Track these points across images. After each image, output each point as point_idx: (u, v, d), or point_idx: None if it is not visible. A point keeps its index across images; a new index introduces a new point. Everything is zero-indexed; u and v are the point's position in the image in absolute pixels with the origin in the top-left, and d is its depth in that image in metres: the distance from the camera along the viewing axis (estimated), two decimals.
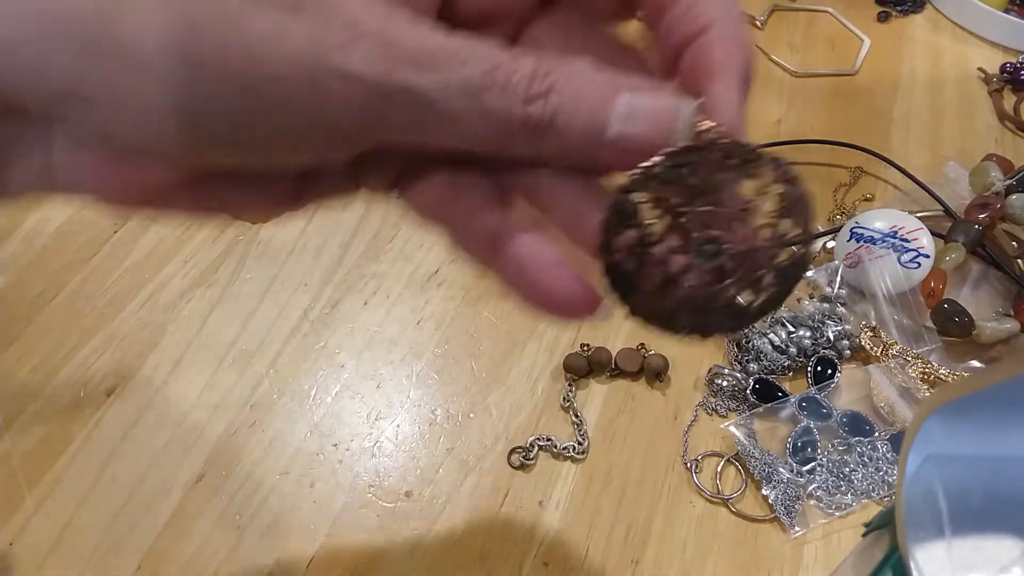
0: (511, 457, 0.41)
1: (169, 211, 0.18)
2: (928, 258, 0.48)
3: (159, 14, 0.15)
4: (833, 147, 0.58)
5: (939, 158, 0.59)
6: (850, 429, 0.42)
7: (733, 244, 0.17)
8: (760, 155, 0.17)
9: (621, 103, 0.16)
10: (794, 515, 0.39)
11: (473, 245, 0.19)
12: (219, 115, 0.15)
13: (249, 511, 0.38)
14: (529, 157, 0.17)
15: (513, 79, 0.16)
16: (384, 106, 0.16)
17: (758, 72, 0.18)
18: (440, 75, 0.16)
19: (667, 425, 0.43)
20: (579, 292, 0.18)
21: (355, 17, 0.15)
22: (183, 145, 0.16)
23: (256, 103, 0.15)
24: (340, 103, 0.15)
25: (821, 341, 0.45)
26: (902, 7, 0.73)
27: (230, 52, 0.15)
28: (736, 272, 0.17)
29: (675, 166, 0.16)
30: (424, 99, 0.16)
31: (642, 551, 0.38)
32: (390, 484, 0.39)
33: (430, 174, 0.19)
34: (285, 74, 0.15)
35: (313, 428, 0.41)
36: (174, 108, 0.15)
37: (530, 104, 0.16)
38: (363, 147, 0.18)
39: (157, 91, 0.15)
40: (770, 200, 0.17)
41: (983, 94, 0.66)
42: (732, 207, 0.17)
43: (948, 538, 0.22)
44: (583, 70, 0.17)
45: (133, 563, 0.36)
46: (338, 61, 0.15)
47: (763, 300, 0.18)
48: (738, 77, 0.17)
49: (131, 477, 0.38)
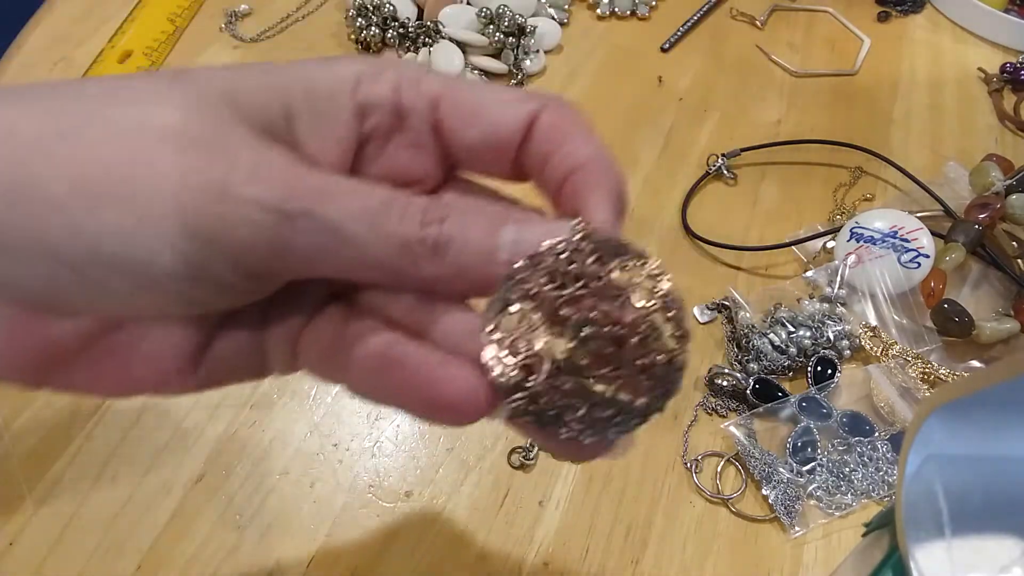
0: (511, 457, 0.41)
1: (66, 385, 0.19)
2: (928, 258, 0.48)
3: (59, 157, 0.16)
4: (833, 147, 0.58)
5: (939, 158, 0.59)
6: (850, 429, 0.42)
7: (610, 325, 0.18)
8: (633, 248, 0.18)
9: (508, 229, 0.18)
10: (794, 515, 0.39)
11: (367, 376, 0.19)
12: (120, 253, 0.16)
13: (249, 511, 0.38)
14: (427, 283, 0.18)
15: (409, 209, 0.17)
16: (288, 230, 0.16)
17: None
18: (340, 204, 0.17)
19: (667, 425, 0.43)
20: (478, 382, 0.18)
21: (258, 158, 0.17)
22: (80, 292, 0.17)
23: (159, 234, 0.16)
24: (246, 228, 0.16)
25: (821, 341, 0.45)
26: (902, 7, 0.73)
27: (130, 184, 0.16)
28: (613, 363, 0.18)
29: (554, 258, 0.18)
30: (326, 224, 0.17)
31: (642, 551, 0.38)
32: (390, 484, 0.39)
33: (322, 319, 0.20)
34: (190, 205, 0.16)
35: (313, 428, 0.41)
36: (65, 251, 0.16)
37: (426, 227, 0.17)
38: (273, 281, 0.18)
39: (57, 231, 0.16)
40: (642, 292, 0.18)
41: (983, 94, 0.66)
42: (606, 292, 0.18)
43: (948, 538, 0.22)
44: (474, 203, 0.18)
45: (133, 563, 0.36)
46: (242, 191, 0.16)
47: (644, 401, 0.18)
48: (611, 191, 0.19)
49: (131, 477, 0.38)
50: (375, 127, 0.20)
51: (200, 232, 0.16)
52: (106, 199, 0.16)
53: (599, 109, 0.60)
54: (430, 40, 0.60)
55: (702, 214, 0.54)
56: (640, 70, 0.64)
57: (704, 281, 0.50)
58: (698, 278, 0.50)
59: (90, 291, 0.17)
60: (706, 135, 0.59)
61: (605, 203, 0.19)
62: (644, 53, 0.66)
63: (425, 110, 0.20)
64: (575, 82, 0.62)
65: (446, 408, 0.18)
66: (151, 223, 0.16)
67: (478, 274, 0.18)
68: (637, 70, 0.64)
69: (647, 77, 0.63)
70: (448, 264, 0.17)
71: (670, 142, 0.58)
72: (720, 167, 0.56)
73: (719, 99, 0.62)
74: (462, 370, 0.18)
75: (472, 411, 0.18)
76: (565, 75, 0.62)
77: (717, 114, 0.61)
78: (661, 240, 0.52)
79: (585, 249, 0.18)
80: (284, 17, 0.64)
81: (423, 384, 0.18)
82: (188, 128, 0.17)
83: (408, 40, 0.60)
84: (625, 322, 0.18)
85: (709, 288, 0.49)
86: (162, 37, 0.60)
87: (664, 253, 0.51)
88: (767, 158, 0.58)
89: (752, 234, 0.53)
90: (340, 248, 0.17)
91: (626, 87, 0.62)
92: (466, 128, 0.20)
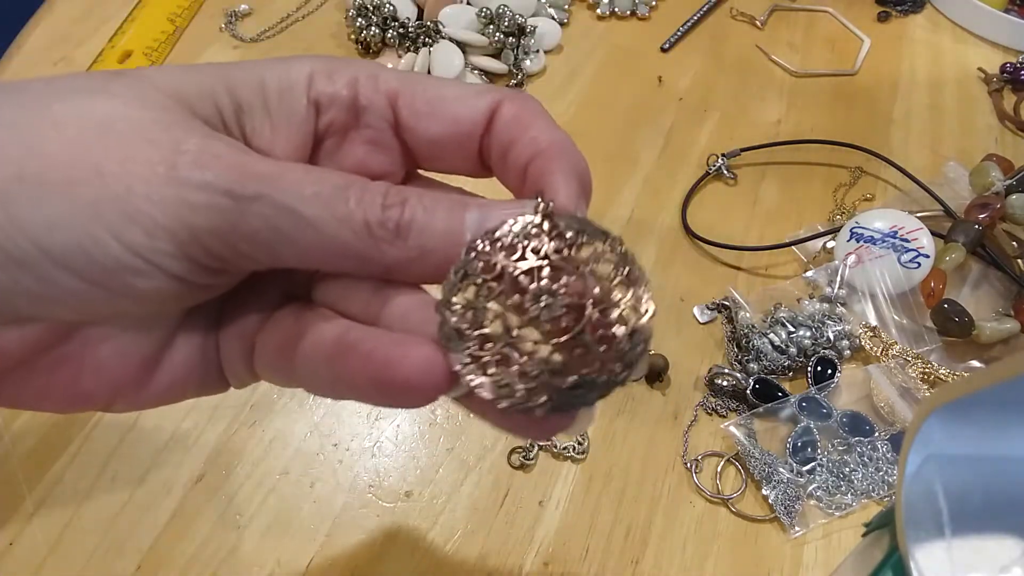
0: (511, 457, 0.41)
1: (17, 396, 0.18)
2: (928, 258, 0.48)
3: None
4: (833, 147, 0.58)
5: (939, 158, 0.59)
6: (850, 429, 0.42)
7: (570, 297, 0.17)
8: (596, 226, 0.18)
9: (472, 212, 0.18)
10: (794, 515, 0.39)
11: (323, 367, 0.18)
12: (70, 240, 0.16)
13: (249, 511, 0.38)
14: (390, 268, 0.18)
15: (367, 193, 0.17)
16: (238, 214, 0.16)
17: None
18: (294, 188, 0.17)
19: (667, 425, 0.43)
20: (434, 357, 0.17)
21: (203, 145, 0.17)
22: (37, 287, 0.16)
23: (109, 223, 0.16)
24: (195, 211, 0.16)
25: (821, 341, 0.45)
26: (902, 7, 0.73)
27: (76, 173, 0.16)
28: (573, 335, 0.17)
29: (515, 234, 0.17)
30: (282, 208, 0.16)
31: (642, 551, 0.38)
32: (390, 484, 0.39)
33: (276, 320, 0.20)
34: (137, 192, 0.16)
35: (313, 428, 0.41)
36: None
37: (387, 210, 0.17)
38: (231, 272, 0.18)
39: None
40: (605, 266, 0.18)
41: (983, 94, 0.66)
42: (568, 266, 0.17)
43: (948, 538, 0.22)
44: (433, 191, 0.18)
45: (133, 563, 0.36)
46: (189, 175, 0.16)
47: (608, 371, 0.17)
48: (573, 171, 0.19)
49: (131, 477, 0.38)
50: (331, 123, 0.20)
51: (149, 219, 0.16)
52: (49, 190, 0.15)
53: (599, 109, 0.60)
54: (430, 40, 0.60)
55: (702, 214, 0.54)
56: (640, 70, 0.64)
57: (704, 281, 0.50)
58: (698, 278, 0.50)
59: (38, 290, 0.16)
60: (706, 135, 0.59)
61: (567, 182, 0.19)
62: (644, 53, 0.66)
63: (383, 106, 0.20)
64: (575, 82, 0.62)
65: (403, 387, 0.17)
66: (98, 213, 0.16)
67: (441, 257, 0.17)
68: (637, 70, 0.64)
69: (647, 77, 0.63)
70: (410, 247, 0.17)
71: (670, 142, 0.58)
72: (720, 167, 0.56)
73: (719, 99, 0.62)
74: (417, 347, 0.17)
75: (430, 387, 0.17)
76: (565, 75, 0.62)
77: (717, 114, 0.61)
78: (661, 240, 0.52)
79: (547, 226, 0.18)
80: (284, 17, 0.64)
81: (378, 365, 0.17)
82: (130, 118, 0.16)
83: (408, 40, 0.60)
84: (586, 294, 0.17)
85: (709, 288, 0.49)
86: (162, 37, 0.60)
87: (664, 253, 0.51)
88: (767, 158, 0.58)
89: (752, 234, 0.53)
90: (298, 233, 0.17)
91: (626, 87, 0.62)
92: (427, 122, 0.20)
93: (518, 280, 0.17)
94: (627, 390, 0.44)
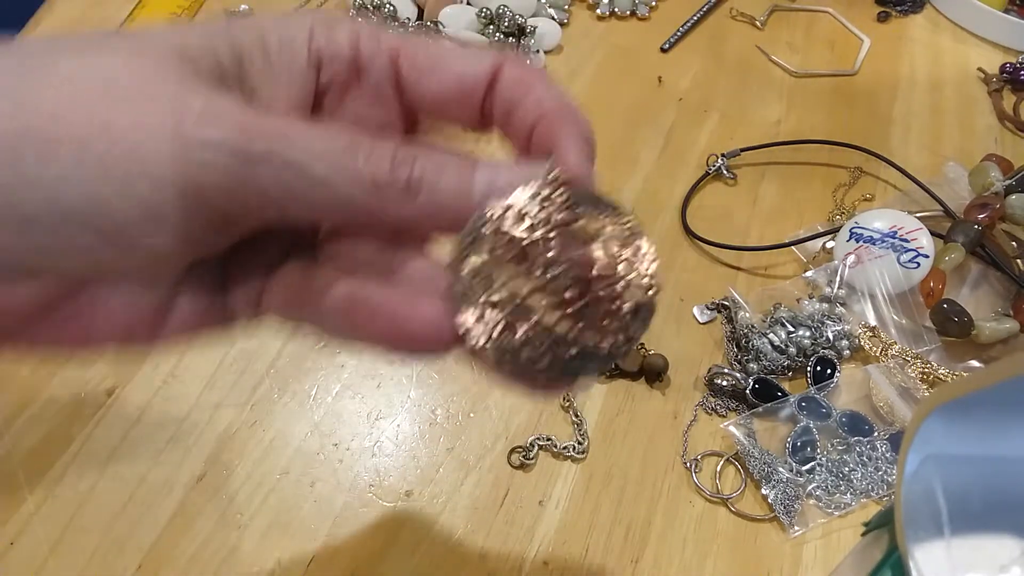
0: (511, 457, 0.41)
1: (31, 344, 0.19)
2: (927, 258, 0.48)
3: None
4: (833, 147, 0.58)
5: (939, 158, 0.59)
6: (849, 429, 0.42)
7: (577, 268, 0.18)
8: (607, 200, 0.18)
9: (481, 171, 0.18)
10: (793, 514, 0.40)
11: (335, 319, 0.19)
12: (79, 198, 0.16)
13: (249, 511, 0.38)
14: (399, 224, 0.18)
15: (376, 151, 0.17)
16: (248, 172, 0.16)
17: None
18: (304, 145, 0.17)
19: (667, 425, 0.43)
20: (443, 315, 0.18)
21: (208, 102, 0.17)
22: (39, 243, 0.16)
23: (117, 179, 0.16)
24: (204, 169, 0.16)
25: (821, 341, 0.45)
26: (902, 7, 0.73)
27: (83, 131, 0.16)
28: (579, 305, 0.18)
29: (526, 201, 0.18)
30: (291, 165, 0.16)
31: (642, 551, 0.38)
32: (390, 484, 0.39)
33: (285, 272, 0.20)
34: (146, 149, 0.16)
35: (313, 428, 0.41)
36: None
37: (397, 168, 0.17)
38: (240, 226, 0.18)
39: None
40: (614, 240, 0.18)
41: (983, 94, 0.66)
42: (577, 237, 0.18)
43: (947, 538, 0.22)
44: (441, 150, 0.18)
45: (134, 563, 0.36)
46: (196, 133, 0.16)
47: (610, 344, 0.18)
48: (580, 136, 0.19)
49: (131, 477, 0.38)
50: (332, 78, 0.20)
51: (157, 176, 0.16)
52: (57, 147, 0.15)
53: (599, 109, 0.60)
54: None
55: (702, 214, 0.54)
56: (640, 70, 0.64)
57: (704, 281, 0.50)
58: (698, 278, 0.50)
59: (52, 246, 0.16)
60: (706, 135, 0.59)
61: (577, 147, 0.19)
62: (644, 53, 0.66)
63: (385, 63, 0.20)
64: (575, 82, 0.62)
65: (412, 341, 0.18)
66: (105, 169, 0.16)
67: (451, 215, 0.18)
68: (637, 70, 0.64)
69: (647, 77, 0.63)
70: (420, 204, 0.17)
71: (670, 142, 0.58)
72: (720, 167, 0.56)
73: (719, 99, 0.62)
74: (427, 305, 0.18)
75: (438, 342, 0.18)
76: (565, 75, 0.62)
77: (717, 114, 0.61)
78: (661, 240, 0.52)
79: (557, 196, 0.18)
80: None
81: (389, 319, 0.18)
82: (134, 74, 0.16)
83: None
84: (594, 266, 0.18)
85: (709, 288, 0.49)
86: None
87: (664, 253, 0.51)
88: (767, 158, 0.58)
89: (752, 234, 0.53)
90: (308, 190, 0.17)
91: (626, 87, 0.62)
92: (429, 79, 0.20)
93: (527, 249, 0.18)
94: (627, 390, 0.44)
